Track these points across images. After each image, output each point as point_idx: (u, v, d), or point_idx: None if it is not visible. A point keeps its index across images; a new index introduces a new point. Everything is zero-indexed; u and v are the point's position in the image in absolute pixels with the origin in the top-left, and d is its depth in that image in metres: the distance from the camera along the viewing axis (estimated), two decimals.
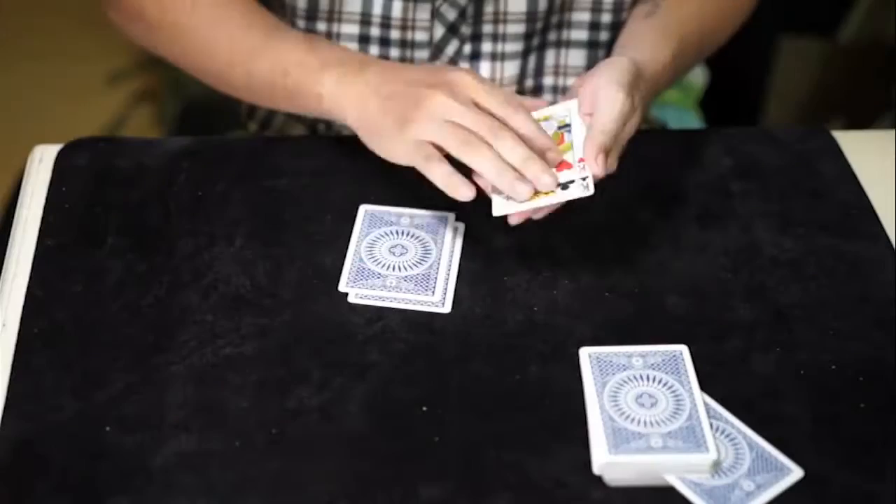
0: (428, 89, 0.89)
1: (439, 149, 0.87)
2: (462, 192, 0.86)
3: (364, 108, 0.92)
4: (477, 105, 0.88)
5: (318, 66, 0.95)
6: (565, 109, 0.92)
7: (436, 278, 0.91)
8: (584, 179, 0.86)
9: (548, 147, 0.88)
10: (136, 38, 1.08)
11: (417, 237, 0.94)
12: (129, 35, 1.08)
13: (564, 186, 0.87)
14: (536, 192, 0.86)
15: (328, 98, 0.95)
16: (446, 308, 0.89)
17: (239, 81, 1.01)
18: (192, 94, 2.09)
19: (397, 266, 0.91)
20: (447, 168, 0.87)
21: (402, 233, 0.94)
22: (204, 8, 1.02)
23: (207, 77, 1.04)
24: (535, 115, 0.92)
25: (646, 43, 0.98)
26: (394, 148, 0.91)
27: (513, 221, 0.89)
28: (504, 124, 0.88)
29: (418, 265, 0.92)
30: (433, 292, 0.90)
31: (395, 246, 0.93)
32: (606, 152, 0.87)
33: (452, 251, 0.93)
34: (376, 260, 0.92)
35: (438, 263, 0.92)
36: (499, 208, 0.87)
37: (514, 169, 0.86)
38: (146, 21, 1.04)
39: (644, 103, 0.94)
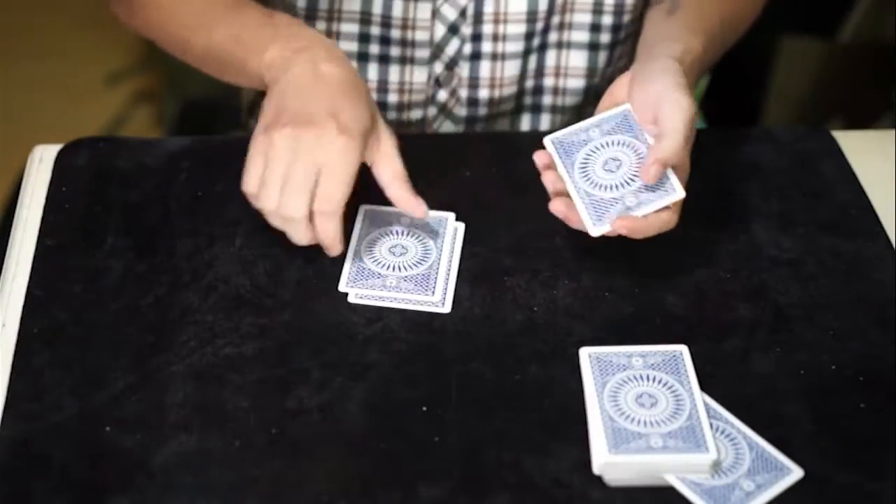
0: (287, 127, 0.88)
1: None
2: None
3: (281, 92, 0.92)
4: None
5: (268, 36, 0.94)
6: (622, 116, 0.91)
7: (436, 278, 0.91)
8: (665, 181, 0.86)
9: (338, 251, 0.90)
10: (135, 27, 1.07)
11: (417, 237, 0.94)
12: (130, 25, 1.08)
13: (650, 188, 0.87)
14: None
15: (264, 65, 0.93)
16: (446, 308, 0.89)
17: (198, 49, 1.00)
18: (191, 94, 2.09)
19: (397, 266, 0.92)
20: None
21: (402, 233, 0.94)
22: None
23: (177, 49, 1.03)
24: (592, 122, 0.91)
25: (676, 40, 0.96)
26: (253, 139, 0.92)
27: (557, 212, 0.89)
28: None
29: (418, 265, 0.92)
30: (433, 292, 0.90)
31: (395, 246, 0.93)
32: (665, 165, 0.86)
33: (452, 251, 0.93)
34: (376, 260, 0.92)
35: (438, 263, 0.92)
36: (593, 229, 0.87)
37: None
38: (136, 8, 1.04)
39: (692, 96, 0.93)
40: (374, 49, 1.08)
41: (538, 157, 0.90)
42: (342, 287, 0.90)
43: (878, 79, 1.88)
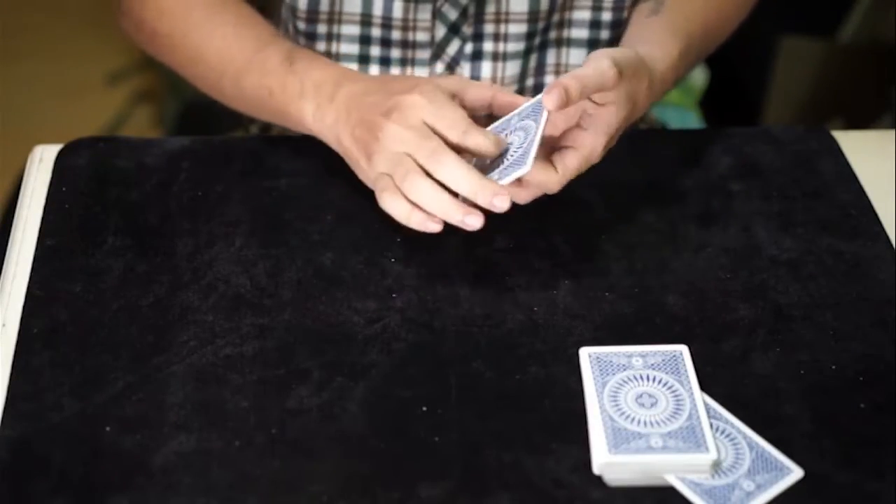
0: (381, 118, 0.89)
1: None
2: (429, 227, 0.87)
3: (339, 141, 0.94)
4: (431, 126, 0.88)
5: (297, 92, 0.96)
6: (533, 111, 0.89)
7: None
8: (521, 146, 0.86)
9: (500, 150, 0.88)
10: (141, 46, 1.09)
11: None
12: (136, 42, 1.09)
13: (507, 162, 0.87)
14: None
15: (310, 126, 0.96)
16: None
17: (229, 94, 1.03)
18: (192, 94, 2.09)
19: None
20: (403, 205, 0.87)
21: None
22: (197, 15, 1.02)
23: (203, 87, 1.06)
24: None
25: (653, 42, 0.97)
26: (366, 179, 0.93)
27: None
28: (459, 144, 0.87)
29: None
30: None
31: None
32: (567, 93, 0.84)
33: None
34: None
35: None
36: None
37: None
38: (146, 31, 1.06)
39: (649, 101, 0.93)
40: (375, 51, 1.08)
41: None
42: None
43: (878, 79, 1.88)
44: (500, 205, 0.84)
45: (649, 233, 0.96)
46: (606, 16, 1.08)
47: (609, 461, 0.78)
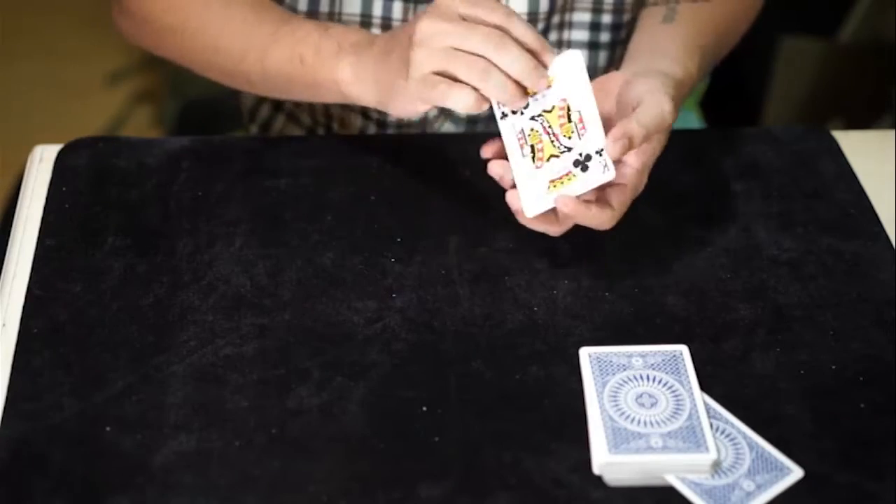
0: (415, 22, 0.86)
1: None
2: (501, 95, 0.84)
3: (378, 81, 0.91)
4: (468, 19, 0.85)
5: (334, 51, 0.93)
6: (574, 86, 0.86)
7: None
8: (599, 154, 0.85)
9: (545, 49, 0.85)
10: (144, 44, 1.08)
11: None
12: (137, 41, 1.08)
13: (583, 167, 0.85)
14: (558, 181, 0.85)
15: (346, 83, 0.93)
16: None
17: (254, 75, 1.00)
18: (192, 94, 2.09)
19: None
20: (464, 89, 0.84)
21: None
22: (213, 4, 1.01)
23: (219, 75, 1.03)
24: None
25: (672, 58, 0.96)
26: (409, 98, 0.87)
27: (511, 205, 0.87)
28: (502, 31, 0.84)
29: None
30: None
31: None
32: (632, 142, 0.84)
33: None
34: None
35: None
36: (531, 208, 0.86)
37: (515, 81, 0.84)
38: (152, 27, 1.04)
39: (675, 118, 0.93)
40: None
41: (486, 150, 0.89)
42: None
43: (878, 79, 1.88)
44: (542, 86, 0.84)
45: (649, 233, 0.96)
46: (606, 18, 1.08)
47: (609, 461, 0.78)
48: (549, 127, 0.86)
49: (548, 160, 0.86)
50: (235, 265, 0.93)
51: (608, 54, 1.10)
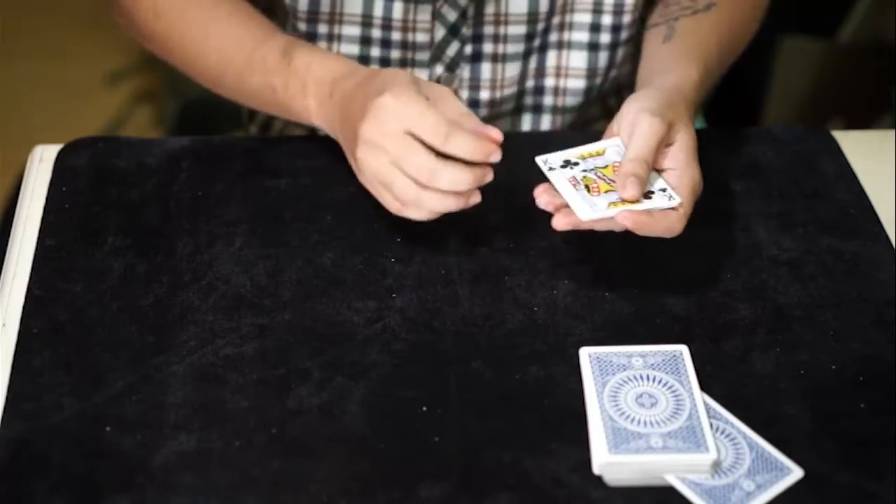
0: (357, 139, 0.88)
1: None
2: (439, 209, 0.87)
3: (338, 140, 0.95)
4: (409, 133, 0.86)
5: (300, 90, 0.96)
6: (615, 146, 0.90)
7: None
8: (664, 190, 0.86)
9: (491, 152, 0.86)
10: (141, 44, 1.09)
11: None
12: (134, 39, 1.09)
13: (646, 196, 0.85)
14: (620, 203, 0.85)
15: (315, 122, 0.97)
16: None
17: (232, 91, 1.03)
18: (192, 94, 2.09)
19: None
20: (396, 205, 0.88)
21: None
22: (192, 15, 1.02)
23: (205, 83, 1.06)
24: (585, 149, 0.90)
25: (671, 70, 0.96)
26: (362, 181, 0.92)
27: (558, 226, 0.86)
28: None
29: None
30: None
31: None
32: (638, 177, 0.84)
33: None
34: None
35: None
36: (584, 213, 0.85)
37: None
38: (139, 29, 1.06)
39: (691, 121, 0.92)
40: (375, 52, 1.08)
41: (540, 196, 0.89)
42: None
43: (878, 79, 1.88)
44: (496, 160, 0.86)
45: None
46: (607, 19, 1.08)
47: (609, 461, 0.78)
48: (604, 175, 0.87)
49: (605, 193, 0.86)
50: (235, 265, 0.93)
51: (608, 55, 1.10)
